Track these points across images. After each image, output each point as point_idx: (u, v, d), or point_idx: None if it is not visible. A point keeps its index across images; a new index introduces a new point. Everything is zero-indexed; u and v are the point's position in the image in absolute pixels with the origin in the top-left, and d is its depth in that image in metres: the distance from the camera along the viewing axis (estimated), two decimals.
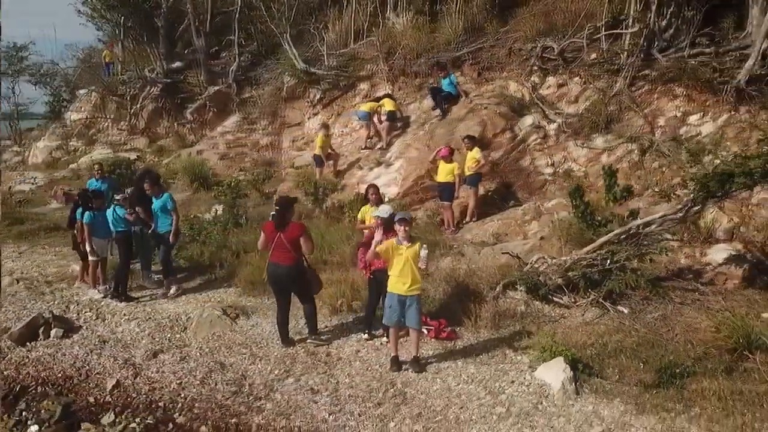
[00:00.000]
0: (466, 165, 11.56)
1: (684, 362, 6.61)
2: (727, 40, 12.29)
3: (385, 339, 7.69)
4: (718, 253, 8.99)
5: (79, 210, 9.70)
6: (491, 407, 6.09)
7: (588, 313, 8.10)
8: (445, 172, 11.40)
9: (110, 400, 7.08)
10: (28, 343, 8.28)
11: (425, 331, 7.68)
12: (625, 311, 7.99)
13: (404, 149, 14.18)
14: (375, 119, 15.01)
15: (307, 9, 19.72)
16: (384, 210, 7.38)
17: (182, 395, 6.99)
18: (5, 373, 7.70)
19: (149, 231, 9.70)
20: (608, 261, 8.14)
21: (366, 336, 7.89)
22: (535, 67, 14.19)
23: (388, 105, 14.61)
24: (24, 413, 6.96)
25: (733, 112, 11.49)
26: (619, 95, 12.58)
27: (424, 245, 6.81)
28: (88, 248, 9.63)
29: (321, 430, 6.09)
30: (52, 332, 8.46)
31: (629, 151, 11.87)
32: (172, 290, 9.71)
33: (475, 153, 11.59)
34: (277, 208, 7.52)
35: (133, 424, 6.63)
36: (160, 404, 6.90)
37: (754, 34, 11.80)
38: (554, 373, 6.43)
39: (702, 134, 11.52)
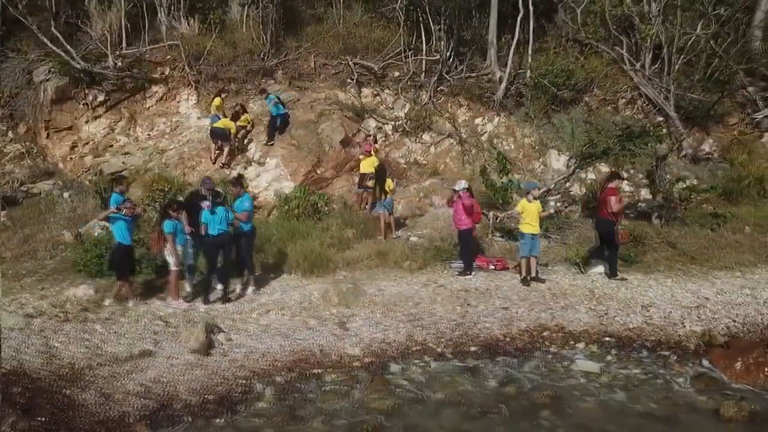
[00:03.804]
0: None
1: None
2: (478, 68, 18.38)
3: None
4: None
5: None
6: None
7: None
8: (367, 164, 13.97)
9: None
10: (209, 351, 7.86)
11: (493, 266, 11.05)
12: None
13: (268, 149, 15.55)
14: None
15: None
16: (462, 184, 10.48)
17: (419, 340, 8.54)
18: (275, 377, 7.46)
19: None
20: None
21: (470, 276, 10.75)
22: (349, 80, 17.51)
23: (244, 122, 15.92)
24: None
25: (498, 117, 17.58)
26: (427, 104, 17.26)
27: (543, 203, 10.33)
28: (171, 258, 8.91)
29: (542, 321, 9.02)
30: (220, 336, 8.15)
31: (451, 144, 16.75)
32: (252, 287, 9.90)
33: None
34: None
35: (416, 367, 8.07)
36: (419, 346, 8.38)
37: (493, 66, 18.19)
38: None
39: (487, 131, 17.29)
